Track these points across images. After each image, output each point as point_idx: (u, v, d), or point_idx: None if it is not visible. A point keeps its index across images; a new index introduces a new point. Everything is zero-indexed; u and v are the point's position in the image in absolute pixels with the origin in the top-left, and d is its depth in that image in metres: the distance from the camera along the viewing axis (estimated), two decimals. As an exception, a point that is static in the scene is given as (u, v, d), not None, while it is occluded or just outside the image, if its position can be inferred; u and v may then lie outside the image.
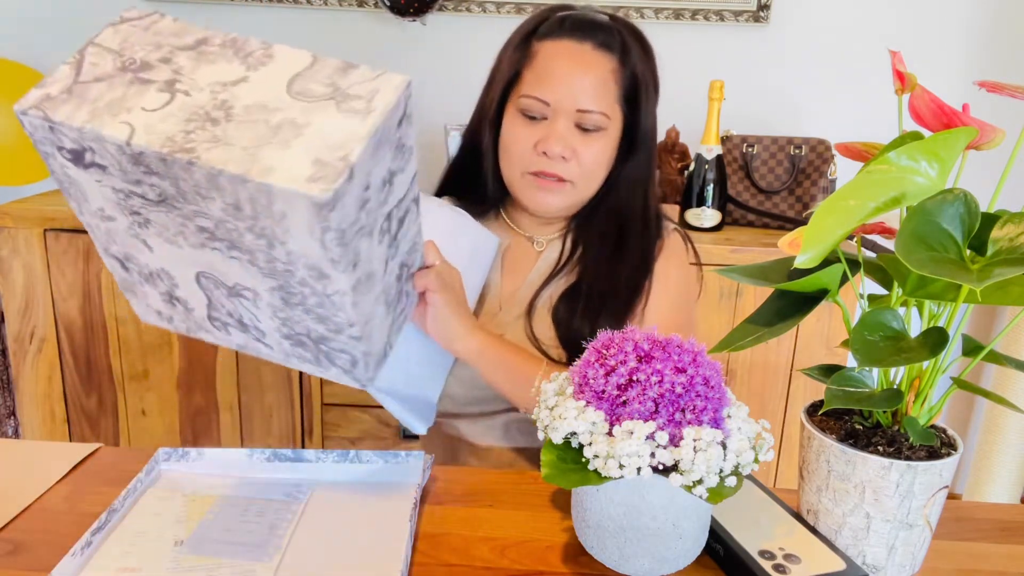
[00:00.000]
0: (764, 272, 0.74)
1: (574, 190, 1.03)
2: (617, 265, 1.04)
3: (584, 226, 1.09)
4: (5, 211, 1.72)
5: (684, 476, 0.62)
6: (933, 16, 1.93)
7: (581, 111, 0.99)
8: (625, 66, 1.01)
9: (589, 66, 1.00)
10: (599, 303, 1.02)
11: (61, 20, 2.07)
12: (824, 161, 1.78)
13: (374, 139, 0.61)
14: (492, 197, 1.10)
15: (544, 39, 1.02)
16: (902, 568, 0.71)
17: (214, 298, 0.73)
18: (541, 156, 1.00)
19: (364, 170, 0.61)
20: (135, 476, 0.81)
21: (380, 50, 2.03)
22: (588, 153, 1.01)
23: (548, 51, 1.01)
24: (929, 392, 0.69)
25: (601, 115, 1.00)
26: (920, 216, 0.60)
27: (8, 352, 1.86)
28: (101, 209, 0.68)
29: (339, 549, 0.73)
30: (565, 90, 0.99)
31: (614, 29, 1.02)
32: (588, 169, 1.02)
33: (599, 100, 1.00)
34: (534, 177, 1.02)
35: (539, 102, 1.00)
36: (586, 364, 0.68)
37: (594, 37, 1.01)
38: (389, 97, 0.63)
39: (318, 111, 0.62)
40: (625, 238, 1.06)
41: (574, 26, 1.01)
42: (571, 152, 1.00)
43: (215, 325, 0.77)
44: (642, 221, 1.07)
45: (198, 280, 0.72)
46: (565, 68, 0.99)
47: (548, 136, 0.99)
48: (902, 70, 0.68)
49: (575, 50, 1.00)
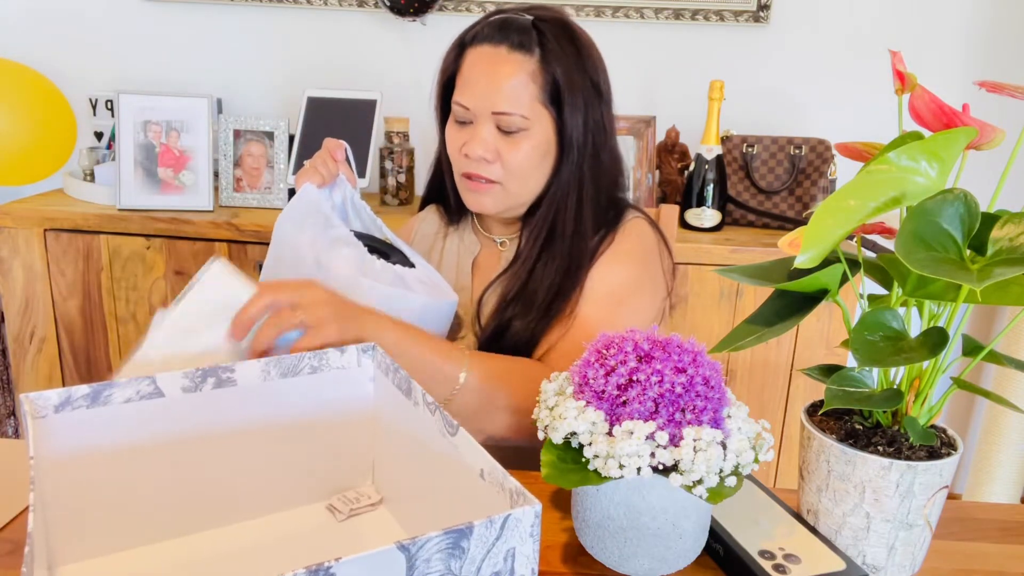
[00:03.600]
0: (764, 272, 0.74)
1: (504, 191, 1.05)
2: (545, 266, 1.05)
3: (527, 226, 1.10)
4: (5, 211, 1.72)
5: (684, 476, 0.62)
6: (933, 16, 1.93)
7: (497, 113, 1.01)
8: (546, 66, 1.01)
9: (504, 69, 1.00)
10: (527, 303, 1.04)
11: (61, 20, 2.07)
12: (824, 161, 1.78)
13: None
14: (460, 203, 1.12)
15: (472, 44, 1.04)
16: (902, 568, 0.71)
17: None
18: (467, 159, 1.04)
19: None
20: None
21: (380, 50, 2.03)
22: (513, 155, 1.02)
23: (471, 57, 1.03)
24: (929, 392, 0.69)
25: (519, 117, 1.01)
26: (920, 216, 0.60)
27: (8, 352, 1.86)
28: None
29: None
30: (481, 94, 1.01)
31: (533, 30, 1.02)
32: (514, 171, 1.03)
33: (515, 102, 1.00)
34: (466, 179, 1.06)
35: (462, 107, 1.03)
36: (586, 364, 0.68)
37: (509, 39, 1.01)
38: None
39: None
40: (552, 240, 1.06)
41: (493, 29, 1.03)
42: (494, 154, 1.03)
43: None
44: (573, 223, 1.06)
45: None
46: (482, 72, 1.01)
47: (470, 139, 1.03)
48: (902, 70, 0.68)
49: (491, 54, 1.01)
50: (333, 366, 0.76)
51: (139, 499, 0.70)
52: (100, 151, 1.96)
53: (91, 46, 2.08)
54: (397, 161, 1.88)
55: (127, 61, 2.09)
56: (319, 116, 1.82)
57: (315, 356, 0.75)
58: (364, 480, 0.81)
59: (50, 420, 0.65)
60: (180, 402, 0.69)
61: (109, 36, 2.07)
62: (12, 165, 1.85)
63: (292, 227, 0.99)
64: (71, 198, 1.85)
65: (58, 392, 0.64)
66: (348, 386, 0.77)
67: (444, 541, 0.51)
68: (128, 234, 1.71)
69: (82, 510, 0.68)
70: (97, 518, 0.69)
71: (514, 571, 0.55)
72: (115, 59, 2.09)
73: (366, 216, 1.07)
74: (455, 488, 0.65)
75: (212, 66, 2.08)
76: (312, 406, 0.76)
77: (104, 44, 2.08)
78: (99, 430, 0.67)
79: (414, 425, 0.70)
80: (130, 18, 2.06)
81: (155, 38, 2.07)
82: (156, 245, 1.72)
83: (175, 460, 0.71)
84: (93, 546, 0.70)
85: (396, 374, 0.73)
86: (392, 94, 1.98)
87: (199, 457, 0.72)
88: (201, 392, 0.70)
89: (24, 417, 0.64)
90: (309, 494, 0.78)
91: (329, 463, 0.79)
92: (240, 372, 0.72)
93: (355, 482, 0.81)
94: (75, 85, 2.05)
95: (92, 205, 1.78)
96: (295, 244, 0.97)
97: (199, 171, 1.76)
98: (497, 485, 0.58)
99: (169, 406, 0.69)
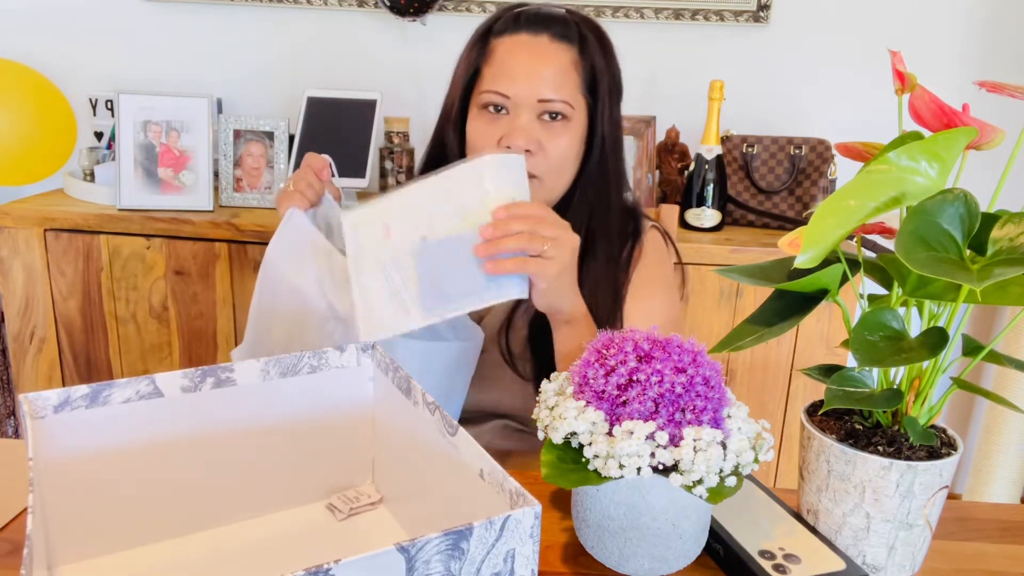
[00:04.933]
0: (764, 272, 0.74)
1: (542, 186, 1.01)
2: (586, 268, 1.01)
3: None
4: (5, 211, 1.72)
5: (684, 476, 0.62)
6: (933, 16, 1.92)
7: (543, 101, 0.98)
8: (584, 57, 1.01)
9: (548, 57, 0.99)
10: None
11: (62, 20, 2.07)
12: (824, 161, 1.78)
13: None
14: None
15: (501, 35, 1.02)
16: (902, 568, 0.71)
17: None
18: (506, 151, 0.99)
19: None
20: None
21: (380, 50, 2.03)
22: (554, 146, 0.99)
23: (506, 45, 1.00)
24: (929, 392, 0.69)
25: (564, 103, 0.99)
26: (920, 216, 0.60)
27: (8, 352, 1.86)
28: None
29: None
30: (524, 82, 0.98)
31: (571, 21, 1.02)
32: (555, 163, 1.00)
33: (561, 89, 0.99)
34: None
35: (499, 96, 0.99)
36: (586, 364, 0.68)
37: (551, 29, 1.00)
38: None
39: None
40: (592, 240, 1.03)
41: (529, 20, 1.01)
42: (536, 145, 0.99)
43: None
44: (614, 221, 1.05)
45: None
46: (523, 61, 0.99)
47: (512, 131, 0.98)
48: (902, 70, 0.68)
49: (531, 42, 1.00)
50: (332, 365, 0.76)
51: (139, 499, 0.70)
52: (100, 151, 1.96)
53: (91, 46, 2.08)
54: (397, 161, 1.88)
55: (127, 61, 2.09)
56: (319, 116, 1.82)
57: (315, 356, 0.75)
58: (364, 479, 0.81)
59: (49, 420, 0.65)
60: (179, 402, 0.69)
61: (109, 36, 2.07)
62: (12, 165, 1.85)
63: (287, 264, 0.92)
64: (71, 198, 1.85)
65: (57, 392, 0.64)
66: (348, 385, 0.77)
67: (444, 542, 0.51)
68: (128, 234, 1.71)
69: (81, 510, 0.68)
70: (97, 518, 0.69)
71: (514, 572, 0.55)
72: (115, 59, 2.09)
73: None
74: (455, 488, 0.65)
75: (212, 66, 2.08)
76: (312, 406, 0.76)
77: (104, 44, 2.08)
78: (98, 430, 0.67)
79: (414, 425, 0.70)
80: (130, 18, 2.06)
81: (155, 38, 2.07)
82: (156, 245, 1.72)
83: (175, 460, 0.71)
84: (92, 546, 0.70)
85: (396, 374, 0.73)
86: (392, 94, 1.98)
87: (199, 457, 0.72)
88: (200, 392, 0.70)
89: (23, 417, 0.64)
90: (309, 494, 0.78)
91: (329, 463, 0.79)
92: (239, 372, 0.71)
93: (355, 481, 0.81)
94: (75, 85, 2.05)
95: (92, 205, 1.78)
96: (295, 286, 0.91)
97: (199, 171, 1.76)
98: (497, 486, 0.58)
99: (168, 406, 0.69)
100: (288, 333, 0.94)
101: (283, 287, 0.92)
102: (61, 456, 0.66)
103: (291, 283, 0.91)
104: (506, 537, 0.53)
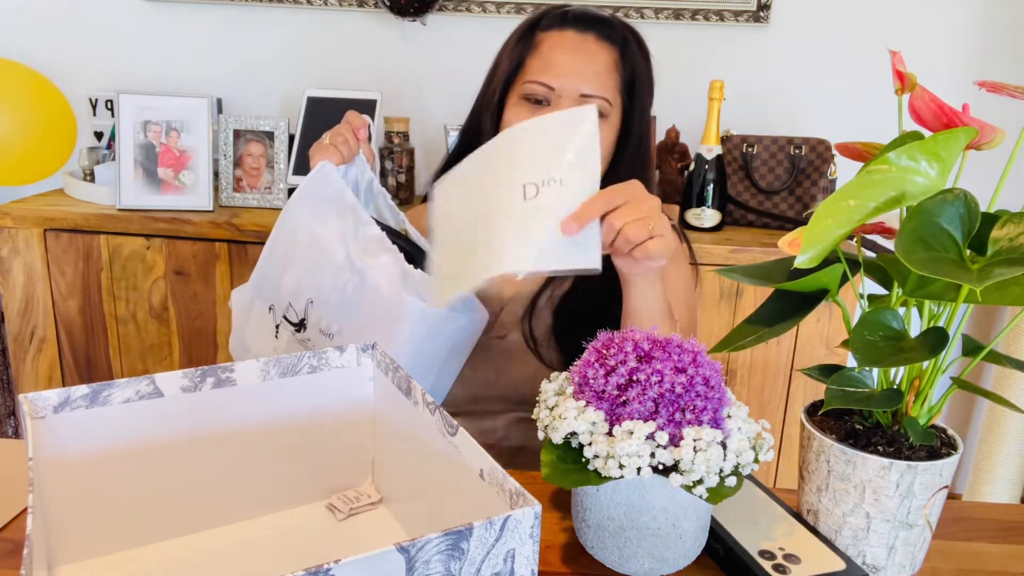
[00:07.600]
0: (764, 272, 0.74)
1: None
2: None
3: None
4: (5, 211, 1.72)
5: (684, 476, 0.62)
6: (933, 16, 1.92)
7: (585, 95, 1.01)
8: (625, 59, 1.04)
9: (592, 55, 1.02)
10: (606, 300, 1.01)
11: (61, 20, 2.07)
12: (824, 161, 1.78)
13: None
14: None
15: (548, 29, 1.05)
16: (902, 568, 0.71)
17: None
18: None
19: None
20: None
21: (380, 50, 2.03)
22: None
23: (552, 40, 1.04)
24: (929, 392, 0.69)
25: (604, 100, 1.02)
26: (920, 216, 0.60)
27: (8, 352, 1.86)
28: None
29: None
30: (568, 76, 1.01)
31: (616, 24, 1.06)
32: None
33: (602, 87, 1.02)
34: None
35: (544, 87, 1.02)
36: (586, 364, 0.68)
37: (596, 29, 1.04)
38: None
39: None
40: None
41: (576, 18, 1.05)
42: None
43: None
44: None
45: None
46: (569, 55, 1.02)
47: None
48: (902, 70, 0.68)
49: (578, 39, 1.03)
50: (332, 365, 0.76)
51: (138, 499, 0.70)
52: (100, 151, 1.96)
53: (91, 46, 2.08)
54: (397, 161, 1.88)
55: (127, 61, 2.09)
56: (319, 116, 1.82)
57: (315, 356, 0.75)
58: (364, 479, 0.81)
59: (49, 420, 0.65)
60: (179, 402, 0.69)
61: (109, 36, 2.07)
62: (12, 165, 1.85)
63: (310, 214, 0.91)
64: (71, 198, 1.85)
65: (57, 392, 0.64)
66: (348, 385, 0.77)
67: (444, 542, 0.51)
68: (128, 234, 1.71)
69: (81, 510, 0.68)
70: (96, 518, 0.69)
71: (514, 572, 0.55)
72: (115, 59, 2.09)
73: (383, 204, 1.01)
74: (455, 488, 0.65)
75: (212, 66, 2.08)
76: (312, 405, 0.76)
77: (104, 44, 2.08)
78: (98, 430, 0.67)
79: (414, 425, 0.70)
80: (130, 18, 2.06)
81: (155, 38, 2.07)
82: (156, 245, 1.72)
83: (174, 460, 0.71)
84: (92, 546, 0.70)
85: (396, 373, 0.73)
86: (392, 94, 1.98)
87: (198, 457, 0.72)
88: (200, 392, 0.70)
89: (23, 417, 0.64)
90: (309, 493, 0.78)
91: (329, 462, 0.79)
92: (239, 372, 0.71)
93: (355, 481, 0.81)
94: (75, 85, 2.05)
95: (92, 205, 1.78)
96: (316, 235, 0.90)
97: (199, 171, 1.76)
98: (497, 486, 0.58)
99: (168, 406, 0.69)
100: (298, 280, 0.93)
101: (303, 235, 0.91)
102: (61, 456, 0.66)
103: (312, 232, 0.90)
104: (506, 537, 0.53)
